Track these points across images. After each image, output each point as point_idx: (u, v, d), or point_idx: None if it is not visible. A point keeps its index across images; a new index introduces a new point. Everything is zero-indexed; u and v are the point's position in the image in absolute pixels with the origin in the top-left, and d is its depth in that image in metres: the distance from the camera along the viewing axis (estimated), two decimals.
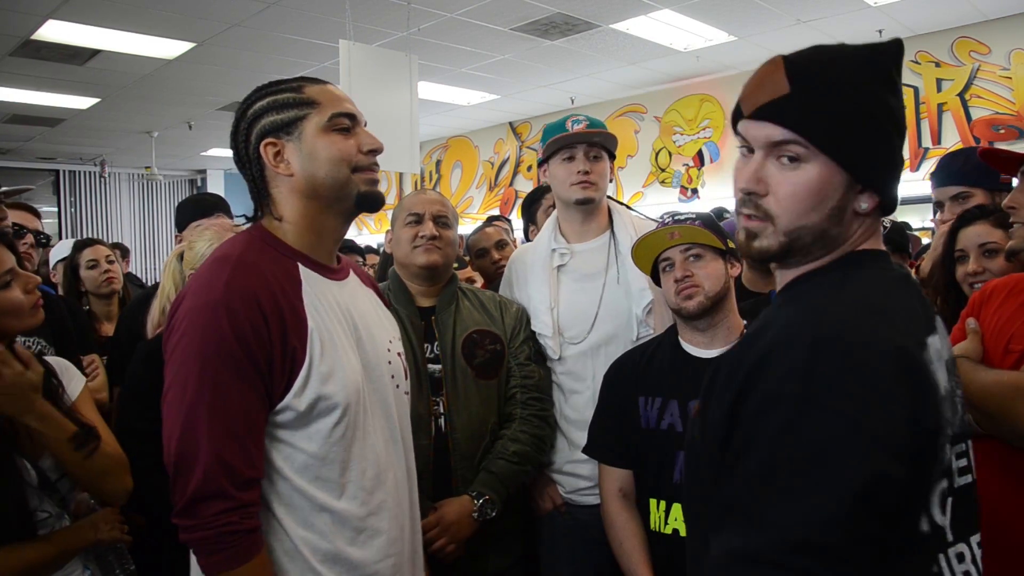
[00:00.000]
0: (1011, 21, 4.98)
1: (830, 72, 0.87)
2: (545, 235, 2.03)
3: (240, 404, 1.07)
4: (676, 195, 6.67)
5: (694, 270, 1.60)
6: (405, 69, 4.24)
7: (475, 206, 8.48)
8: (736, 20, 4.99)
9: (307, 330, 1.14)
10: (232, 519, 1.05)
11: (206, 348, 1.07)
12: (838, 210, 0.87)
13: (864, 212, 0.87)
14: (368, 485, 1.19)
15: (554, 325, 1.92)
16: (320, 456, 1.14)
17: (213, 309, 1.07)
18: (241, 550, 1.06)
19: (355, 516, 1.17)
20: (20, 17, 4.45)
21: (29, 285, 1.40)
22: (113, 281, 2.93)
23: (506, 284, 2.12)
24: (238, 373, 1.07)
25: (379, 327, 1.32)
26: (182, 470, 1.06)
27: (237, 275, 1.11)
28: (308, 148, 1.19)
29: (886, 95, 0.87)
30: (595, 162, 1.93)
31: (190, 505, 1.05)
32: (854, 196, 0.87)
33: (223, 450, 1.05)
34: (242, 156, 1.24)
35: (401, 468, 1.29)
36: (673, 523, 1.57)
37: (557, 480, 1.96)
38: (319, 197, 1.21)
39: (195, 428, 1.05)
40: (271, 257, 1.18)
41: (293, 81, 1.24)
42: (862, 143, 0.85)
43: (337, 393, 1.14)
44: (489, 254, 2.88)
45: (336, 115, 1.20)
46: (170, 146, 8.56)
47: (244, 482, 1.07)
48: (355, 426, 1.18)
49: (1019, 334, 1.30)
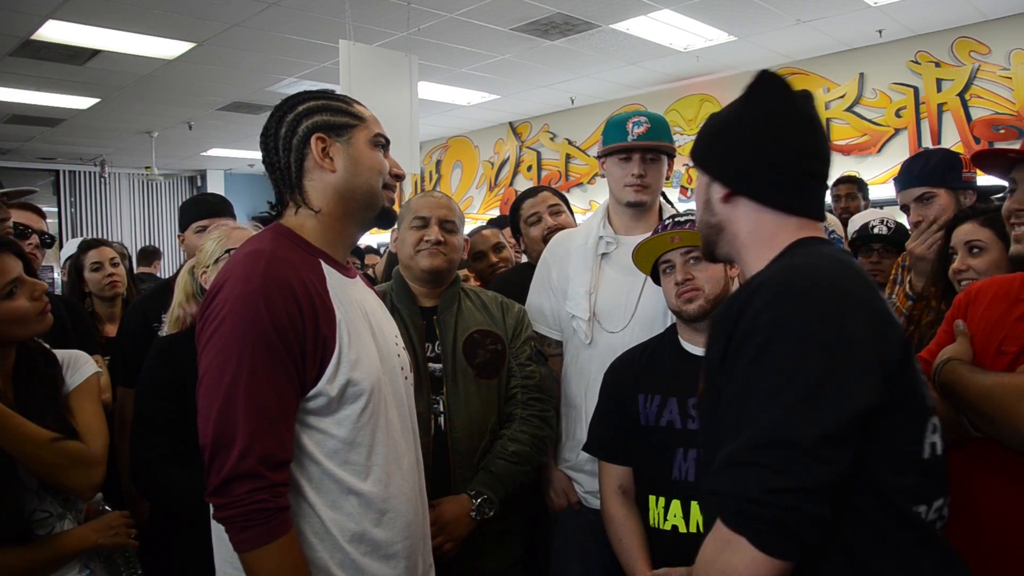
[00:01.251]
0: (1011, 21, 4.98)
1: (712, 118, 1.20)
2: (594, 222, 2.05)
3: (275, 389, 1.13)
4: (676, 195, 6.67)
5: (695, 273, 1.62)
6: (405, 69, 4.25)
7: (475, 206, 8.49)
8: (736, 20, 5.00)
9: (336, 320, 1.21)
10: (263, 497, 1.10)
11: (245, 335, 1.12)
12: (706, 202, 1.15)
13: (721, 199, 1.11)
14: (389, 468, 1.26)
15: (590, 309, 1.93)
16: (348, 440, 1.21)
17: (252, 298, 1.13)
18: (271, 527, 1.10)
19: (379, 498, 1.23)
20: (20, 17, 4.45)
21: (36, 292, 1.41)
22: (116, 284, 2.93)
23: (543, 265, 2.12)
24: (274, 359, 1.12)
25: (387, 322, 1.40)
26: (219, 451, 1.11)
27: (273, 266, 1.17)
28: (356, 153, 1.29)
29: (739, 116, 1.13)
30: (651, 164, 1.94)
31: (225, 484, 1.10)
32: (716, 190, 1.13)
33: (259, 432, 1.10)
34: (280, 144, 1.30)
35: (413, 454, 1.35)
36: (672, 519, 1.58)
37: (575, 478, 1.96)
38: (351, 199, 1.30)
39: (233, 411, 1.10)
40: (298, 254, 1.25)
41: (341, 96, 1.36)
42: (710, 147, 1.16)
43: (363, 379, 1.21)
44: (486, 257, 2.84)
45: (379, 135, 1.34)
46: (170, 146, 8.56)
47: (277, 463, 1.12)
48: (378, 412, 1.25)
49: (1012, 335, 1.31)
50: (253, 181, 10.65)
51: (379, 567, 1.23)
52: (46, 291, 1.46)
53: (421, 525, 1.35)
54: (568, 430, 1.99)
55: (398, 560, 1.26)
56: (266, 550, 1.10)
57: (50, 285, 5.24)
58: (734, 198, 1.11)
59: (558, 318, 2.05)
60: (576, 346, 1.98)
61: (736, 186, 1.10)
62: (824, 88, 5.75)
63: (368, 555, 1.22)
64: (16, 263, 1.41)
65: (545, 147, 7.87)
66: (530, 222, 2.60)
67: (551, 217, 2.55)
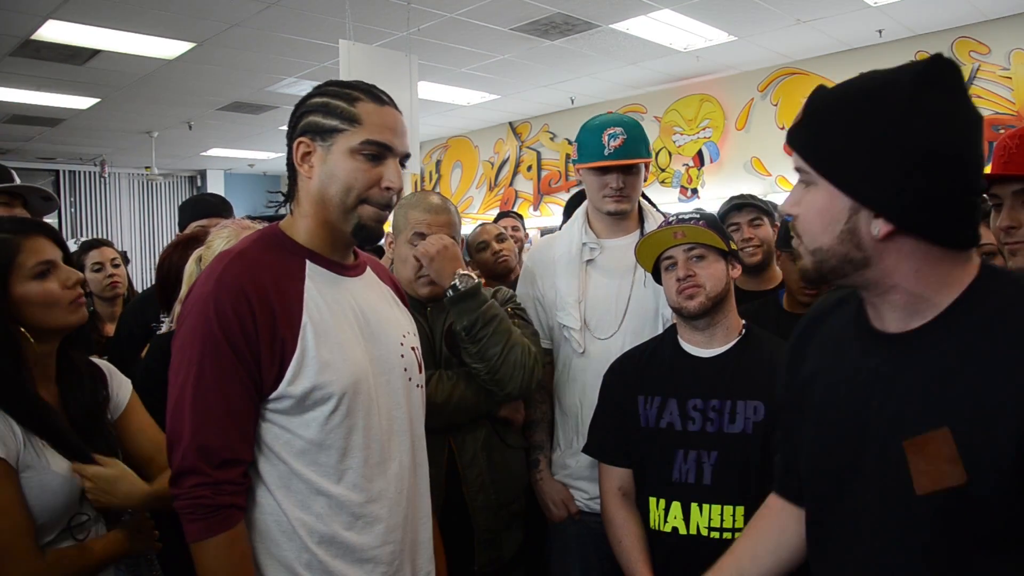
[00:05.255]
0: (1011, 21, 4.97)
1: (839, 97, 0.89)
2: (574, 228, 2.01)
3: (220, 389, 1.14)
4: (676, 195, 6.67)
5: (696, 270, 1.60)
6: (405, 69, 4.24)
7: (475, 206, 8.48)
8: (736, 20, 4.99)
9: (300, 322, 1.19)
10: (204, 493, 1.12)
11: (195, 337, 1.15)
12: (849, 233, 0.88)
13: (879, 238, 0.86)
14: (368, 473, 1.24)
15: (581, 318, 1.91)
16: (317, 442, 1.20)
17: (204, 301, 1.16)
18: (211, 523, 1.13)
19: (354, 502, 1.22)
20: (20, 17, 4.45)
21: (69, 281, 1.36)
22: (117, 285, 2.93)
23: (527, 276, 2.08)
24: (219, 360, 1.14)
25: (392, 322, 1.35)
26: (172, 446, 1.16)
27: (229, 269, 1.18)
28: (331, 163, 1.22)
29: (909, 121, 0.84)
30: (629, 175, 1.90)
31: (176, 477, 1.15)
32: (868, 220, 0.87)
33: (200, 431, 1.13)
34: (287, 141, 1.29)
35: (406, 459, 1.31)
36: (673, 521, 1.58)
37: (575, 486, 1.94)
38: (326, 211, 1.25)
39: (181, 409, 1.14)
40: (277, 254, 1.24)
41: (356, 90, 1.25)
42: (861, 164, 0.86)
43: (332, 383, 1.19)
44: (489, 247, 2.95)
45: (368, 142, 1.21)
46: (170, 146, 8.55)
47: (220, 462, 1.14)
48: (355, 415, 1.22)
49: None
50: (253, 181, 10.64)
51: (351, 571, 1.21)
52: (82, 281, 1.40)
53: (411, 531, 1.32)
54: (565, 438, 1.97)
55: (375, 565, 1.23)
56: (208, 544, 1.12)
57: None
58: (897, 235, 0.86)
59: (546, 326, 2.02)
60: (567, 354, 1.95)
61: (908, 225, 0.85)
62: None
63: (339, 558, 1.20)
64: (52, 248, 1.36)
65: (545, 147, 7.87)
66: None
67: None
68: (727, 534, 1.52)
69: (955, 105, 0.85)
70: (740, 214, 2.48)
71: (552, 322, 2.00)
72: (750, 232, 2.45)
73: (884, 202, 0.86)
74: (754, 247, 2.44)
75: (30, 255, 1.32)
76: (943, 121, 0.84)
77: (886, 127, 0.84)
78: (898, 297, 0.90)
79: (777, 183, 5.99)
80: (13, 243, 1.31)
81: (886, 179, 0.85)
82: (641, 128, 1.94)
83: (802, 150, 0.91)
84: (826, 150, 0.89)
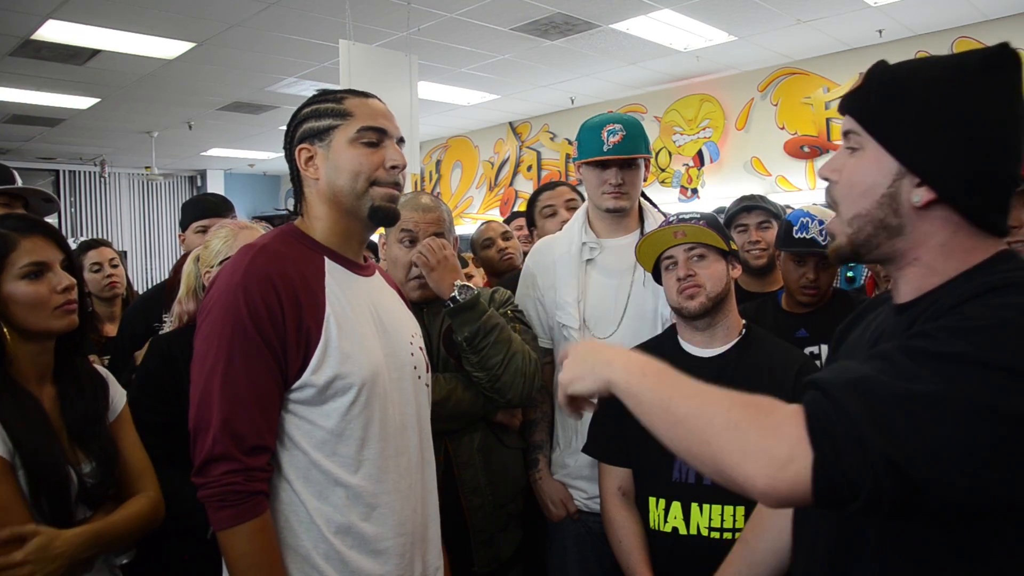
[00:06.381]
0: (1011, 21, 4.97)
1: (904, 71, 0.90)
2: (574, 228, 2.01)
3: (249, 376, 1.16)
4: (676, 195, 6.67)
5: (697, 270, 1.61)
6: (405, 69, 4.25)
7: (475, 206, 8.49)
8: (736, 20, 5.00)
9: (324, 313, 1.22)
10: (236, 479, 1.14)
11: (224, 325, 1.17)
12: (889, 198, 0.89)
13: (918, 205, 0.87)
14: (384, 464, 1.27)
15: (580, 318, 1.91)
16: (337, 432, 1.22)
17: (232, 291, 1.18)
18: (242, 510, 1.14)
19: (369, 492, 1.24)
20: (20, 17, 4.45)
21: (60, 285, 1.34)
22: (116, 285, 2.93)
23: (527, 278, 2.08)
24: (250, 348, 1.16)
25: (402, 322, 1.41)
26: (199, 434, 1.16)
27: (257, 260, 1.21)
28: (334, 158, 1.28)
29: (970, 96, 0.86)
30: (628, 171, 1.91)
31: (204, 465, 1.15)
32: (910, 188, 0.87)
33: (231, 417, 1.14)
34: (288, 156, 1.35)
35: (415, 455, 1.35)
36: (673, 521, 1.58)
37: (574, 485, 1.93)
38: (340, 203, 1.29)
39: (210, 397, 1.16)
40: (299, 250, 1.28)
41: (340, 91, 1.33)
42: (916, 132, 0.87)
43: (353, 373, 1.22)
44: (495, 244, 2.97)
45: (364, 129, 1.28)
46: (170, 146, 8.56)
47: (250, 448, 1.15)
48: (372, 407, 1.25)
49: None
50: (253, 181, 10.65)
51: (366, 561, 1.23)
52: (74, 287, 1.37)
53: (422, 525, 1.34)
54: (565, 437, 1.97)
55: (388, 556, 1.26)
56: (238, 531, 1.14)
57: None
58: (936, 206, 0.87)
59: (546, 326, 2.02)
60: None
61: (949, 195, 0.86)
62: (824, 88, 5.74)
63: (354, 548, 1.22)
64: (51, 250, 1.35)
65: (545, 147, 7.87)
66: (545, 214, 2.63)
67: (567, 211, 2.56)
68: (727, 534, 1.52)
69: (1013, 93, 0.87)
70: (749, 216, 2.49)
71: (552, 322, 2.00)
72: (758, 235, 2.45)
73: (932, 170, 0.86)
74: (760, 250, 2.45)
75: (23, 254, 1.31)
76: (1001, 104, 0.86)
77: (946, 98, 0.86)
78: (916, 271, 0.91)
79: (777, 183, 6.00)
80: (10, 240, 1.31)
81: (938, 148, 0.86)
82: (640, 126, 1.95)
83: (858, 113, 0.92)
84: (882, 115, 0.90)
